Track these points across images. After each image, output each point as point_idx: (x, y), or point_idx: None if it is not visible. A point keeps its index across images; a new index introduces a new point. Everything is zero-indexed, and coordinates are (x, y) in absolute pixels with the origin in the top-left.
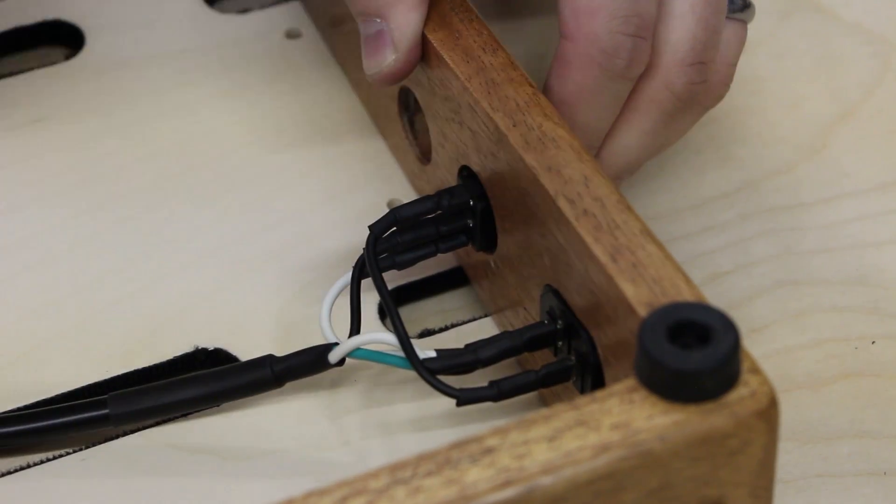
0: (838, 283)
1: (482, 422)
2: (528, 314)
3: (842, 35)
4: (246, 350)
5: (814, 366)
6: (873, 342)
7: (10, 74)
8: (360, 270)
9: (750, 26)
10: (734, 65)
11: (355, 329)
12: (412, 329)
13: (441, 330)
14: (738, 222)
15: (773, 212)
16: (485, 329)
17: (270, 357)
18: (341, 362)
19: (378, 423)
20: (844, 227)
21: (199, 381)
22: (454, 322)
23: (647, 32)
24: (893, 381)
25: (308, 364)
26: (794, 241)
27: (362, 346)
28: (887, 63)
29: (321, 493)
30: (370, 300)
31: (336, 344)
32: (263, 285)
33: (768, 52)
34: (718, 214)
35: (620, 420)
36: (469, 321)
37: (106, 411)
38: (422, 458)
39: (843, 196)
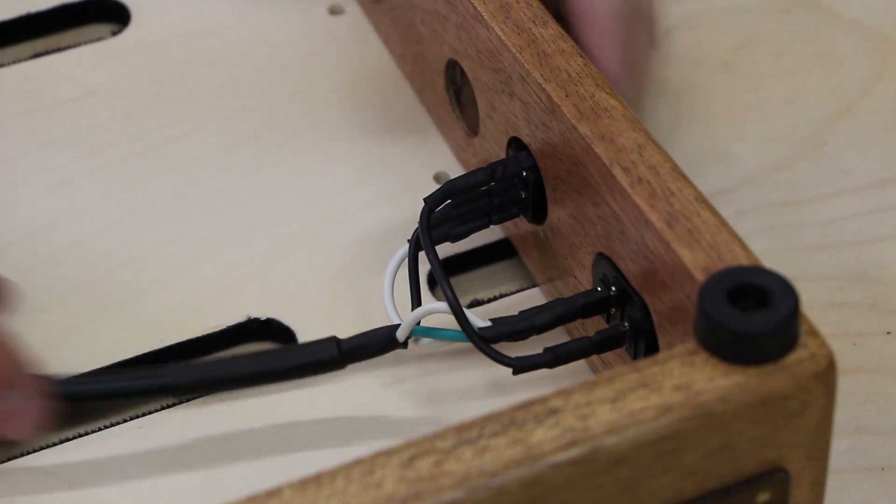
0: (836, 279)
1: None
2: (579, 283)
3: (840, 32)
4: (297, 320)
5: None
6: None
7: (59, 50)
8: (417, 244)
9: (749, 23)
10: None
11: (416, 303)
12: (462, 300)
13: (490, 300)
14: (736, 219)
15: (772, 208)
16: (533, 299)
17: (335, 338)
18: (405, 344)
19: (430, 393)
20: (843, 224)
21: (264, 358)
22: (502, 293)
23: None
24: (892, 377)
25: (373, 345)
26: (793, 237)
27: (422, 322)
28: (885, 60)
29: (389, 452)
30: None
31: (398, 326)
32: (313, 257)
33: (767, 49)
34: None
35: (682, 382)
36: (517, 291)
37: (169, 380)
38: (487, 419)
39: (841, 192)
